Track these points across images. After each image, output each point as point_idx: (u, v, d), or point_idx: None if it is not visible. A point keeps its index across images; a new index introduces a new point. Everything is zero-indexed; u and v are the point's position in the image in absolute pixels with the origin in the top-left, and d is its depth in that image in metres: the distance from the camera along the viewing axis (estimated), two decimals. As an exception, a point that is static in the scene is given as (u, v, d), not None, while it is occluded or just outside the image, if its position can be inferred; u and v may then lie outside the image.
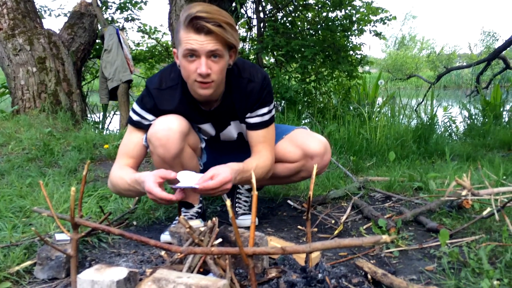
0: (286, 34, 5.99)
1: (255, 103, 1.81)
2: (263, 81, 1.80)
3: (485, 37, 21.37)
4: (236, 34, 1.64)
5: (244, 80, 1.79)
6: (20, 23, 5.14)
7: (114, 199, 2.36)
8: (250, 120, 1.84)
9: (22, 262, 1.58)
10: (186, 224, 1.32)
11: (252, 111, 1.83)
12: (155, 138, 1.70)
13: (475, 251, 1.63)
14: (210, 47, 1.56)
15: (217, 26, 1.54)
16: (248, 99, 1.80)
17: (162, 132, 1.69)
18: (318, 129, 4.47)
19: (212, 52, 1.58)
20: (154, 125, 1.73)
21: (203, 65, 1.58)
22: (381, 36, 6.44)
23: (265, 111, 1.84)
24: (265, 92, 1.81)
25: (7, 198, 2.27)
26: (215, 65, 1.61)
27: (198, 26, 1.53)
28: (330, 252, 1.80)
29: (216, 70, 1.62)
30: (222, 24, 1.54)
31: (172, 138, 1.69)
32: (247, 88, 1.79)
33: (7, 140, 3.86)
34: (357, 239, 1.10)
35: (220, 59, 1.61)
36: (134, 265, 1.63)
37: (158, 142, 1.69)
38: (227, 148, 2.05)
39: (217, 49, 1.57)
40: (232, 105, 1.82)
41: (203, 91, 1.66)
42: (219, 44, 1.58)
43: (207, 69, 1.58)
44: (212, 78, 1.62)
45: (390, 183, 2.74)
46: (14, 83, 5.08)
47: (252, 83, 1.79)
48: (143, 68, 8.44)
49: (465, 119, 5.91)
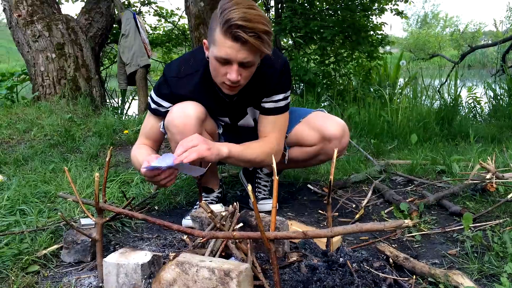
0: (304, 15, 5.88)
1: (273, 88, 1.80)
2: (283, 67, 1.78)
3: (511, 14, 20.64)
4: (271, 38, 1.58)
5: (264, 66, 1.76)
6: (38, 9, 5.18)
7: (135, 184, 2.39)
8: (264, 105, 1.83)
9: (49, 246, 1.63)
10: (208, 209, 1.33)
11: (268, 96, 1.81)
12: (172, 125, 1.70)
13: (499, 235, 1.60)
14: (244, 57, 1.53)
15: (256, 37, 1.48)
16: (266, 84, 1.78)
17: (179, 119, 1.69)
18: (338, 112, 4.42)
19: (245, 61, 1.55)
20: (171, 112, 1.74)
21: (234, 72, 1.56)
22: (402, 15, 6.28)
23: (280, 97, 1.81)
24: (283, 78, 1.79)
25: (32, 184, 2.32)
26: (245, 71, 1.60)
27: (236, 35, 1.48)
28: (351, 236, 1.79)
29: (246, 76, 1.62)
30: (260, 34, 1.49)
31: (189, 125, 1.69)
32: (267, 74, 1.76)
33: (29, 126, 3.93)
34: (379, 224, 1.09)
35: (251, 66, 1.60)
36: (157, 249, 1.65)
37: (176, 129, 1.70)
38: (245, 133, 2.04)
39: (251, 59, 1.55)
40: (251, 91, 1.80)
41: (228, 92, 1.67)
42: (254, 54, 1.55)
43: (237, 76, 1.57)
44: (240, 83, 1.63)
45: (412, 167, 2.70)
46: (34, 70, 5.14)
47: (272, 68, 1.76)
48: (161, 53, 8.44)
49: (490, 100, 5.72)
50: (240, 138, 2.07)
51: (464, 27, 26.19)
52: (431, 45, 22.54)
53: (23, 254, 1.54)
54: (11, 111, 4.44)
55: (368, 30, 6.10)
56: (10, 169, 2.71)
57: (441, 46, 22.48)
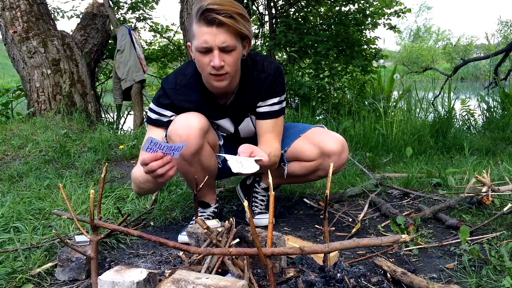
0: (298, 30, 5.94)
1: (267, 93, 1.84)
2: (276, 72, 1.83)
3: (502, 27, 20.93)
4: (249, 24, 1.65)
5: (257, 72, 1.82)
6: (34, 25, 5.20)
7: (131, 200, 2.38)
8: (260, 109, 1.87)
9: (43, 264, 1.60)
10: (204, 225, 1.32)
11: (263, 100, 1.85)
12: (175, 135, 1.71)
13: (497, 248, 1.59)
14: (223, 41, 1.58)
15: (229, 17, 1.55)
16: (261, 89, 1.82)
17: (183, 129, 1.70)
18: (333, 125, 4.44)
19: (224, 44, 1.59)
20: (174, 122, 1.75)
21: (216, 57, 1.60)
22: (395, 29, 6.35)
23: (275, 101, 1.85)
24: (277, 82, 1.84)
25: (26, 200, 2.30)
26: (228, 57, 1.63)
27: (210, 19, 1.54)
28: (348, 250, 1.78)
29: (230, 62, 1.64)
30: (233, 15, 1.56)
31: (192, 135, 1.70)
32: (260, 79, 1.81)
33: (24, 142, 3.91)
34: (376, 239, 1.09)
35: (233, 51, 1.63)
36: (153, 266, 1.63)
37: (179, 139, 1.70)
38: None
39: (230, 41, 1.59)
40: (247, 97, 1.83)
41: (218, 83, 1.68)
42: (232, 36, 1.59)
43: (220, 61, 1.60)
44: (226, 70, 1.64)
45: (408, 180, 2.71)
46: (29, 86, 5.14)
47: (265, 73, 1.82)
48: (156, 67, 8.47)
49: (484, 112, 5.77)
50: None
51: (456, 40, 26.52)
52: (424, 58, 22.80)
53: (17, 272, 1.52)
54: (6, 127, 4.43)
55: (361, 44, 6.16)
56: (5, 186, 2.69)
57: (434, 59, 22.74)
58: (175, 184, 2.61)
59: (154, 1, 7.48)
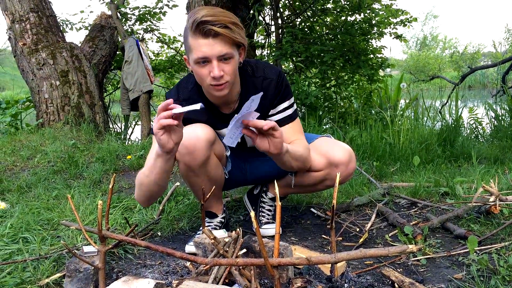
0: (304, 40, 5.97)
1: (274, 99, 1.85)
2: (278, 77, 1.85)
3: (509, 35, 20.86)
4: (243, 32, 1.68)
5: (258, 79, 1.84)
6: (43, 37, 5.28)
7: (138, 210, 2.39)
8: (274, 117, 1.87)
9: (52, 274, 1.62)
10: (211, 235, 1.33)
11: (274, 108, 1.87)
12: (182, 146, 1.72)
13: (505, 258, 1.58)
14: (220, 50, 1.60)
15: (224, 27, 1.58)
16: (266, 96, 1.82)
17: (190, 140, 1.71)
18: (340, 134, 4.43)
19: (222, 55, 1.61)
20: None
21: (215, 68, 1.62)
22: (401, 38, 6.35)
23: (286, 105, 1.88)
24: (282, 87, 1.86)
25: (35, 211, 2.32)
26: (226, 66, 1.65)
27: (205, 30, 1.57)
28: (356, 260, 1.77)
29: (228, 71, 1.66)
30: (228, 24, 1.59)
31: (199, 146, 1.71)
32: (262, 86, 1.83)
33: (33, 153, 3.95)
34: (383, 249, 1.09)
35: (230, 59, 1.65)
36: (160, 276, 1.64)
37: (185, 150, 1.71)
38: (252, 155, 2.06)
39: (227, 51, 1.61)
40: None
41: (219, 93, 1.70)
42: (228, 45, 1.62)
43: (219, 71, 1.62)
44: (226, 79, 1.67)
45: (416, 189, 2.69)
46: (38, 97, 5.21)
47: (266, 80, 1.83)
48: (163, 78, 8.53)
49: (492, 120, 5.73)
50: (247, 162, 2.08)
51: (463, 48, 26.48)
52: (431, 67, 22.77)
53: (26, 283, 1.54)
54: (15, 138, 4.48)
55: (368, 53, 6.17)
56: (14, 196, 2.72)
57: (441, 68, 22.69)
58: (182, 194, 2.62)
59: (161, 13, 7.55)
